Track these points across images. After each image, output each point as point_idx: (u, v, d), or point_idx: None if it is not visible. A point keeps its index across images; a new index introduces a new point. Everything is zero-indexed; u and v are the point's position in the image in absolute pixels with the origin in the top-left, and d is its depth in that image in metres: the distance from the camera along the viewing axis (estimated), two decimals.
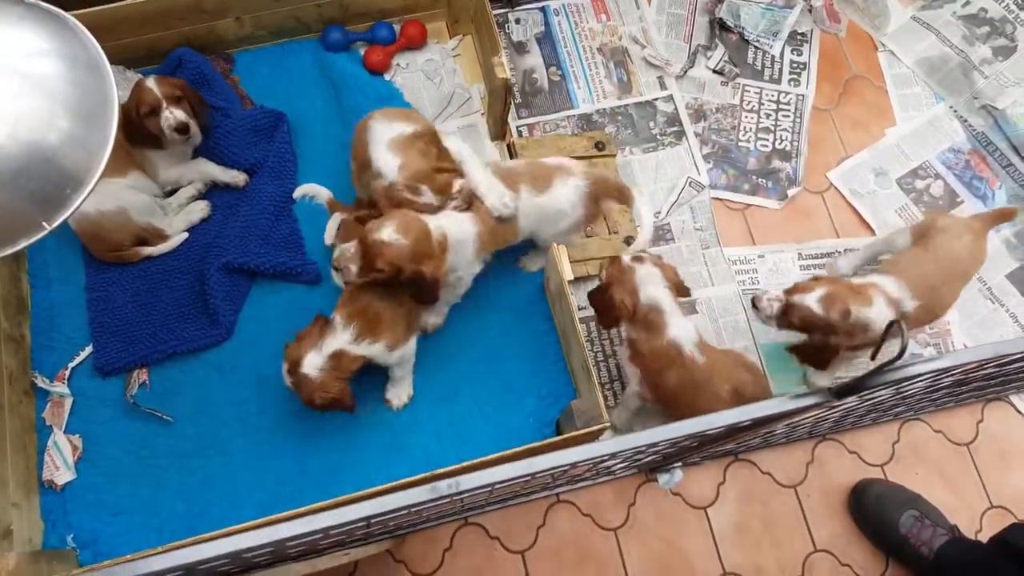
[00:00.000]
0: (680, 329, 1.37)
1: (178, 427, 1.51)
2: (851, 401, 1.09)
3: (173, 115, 1.49)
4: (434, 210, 1.37)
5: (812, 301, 1.36)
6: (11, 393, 1.46)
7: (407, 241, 1.28)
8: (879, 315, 1.36)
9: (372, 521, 0.94)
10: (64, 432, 1.51)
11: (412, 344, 1.46)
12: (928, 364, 0.88)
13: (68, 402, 1.53)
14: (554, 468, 0.91)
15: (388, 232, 1.27)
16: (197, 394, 1.53)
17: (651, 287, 1.37)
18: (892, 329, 0.89)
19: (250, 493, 1.47)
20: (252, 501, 1.47)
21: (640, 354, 1.40)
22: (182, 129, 1.50)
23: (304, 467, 1.49)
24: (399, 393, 1.52)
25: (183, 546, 0.98)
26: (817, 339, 1.40)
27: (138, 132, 1.51)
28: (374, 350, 1.38)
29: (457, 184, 1.38)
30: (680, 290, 1.42)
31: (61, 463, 1.49)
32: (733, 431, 1.08)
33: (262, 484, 1.48)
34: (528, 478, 0.95)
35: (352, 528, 0.96)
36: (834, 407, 1.12)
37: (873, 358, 0.96)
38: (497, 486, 0.94)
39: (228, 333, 1.57)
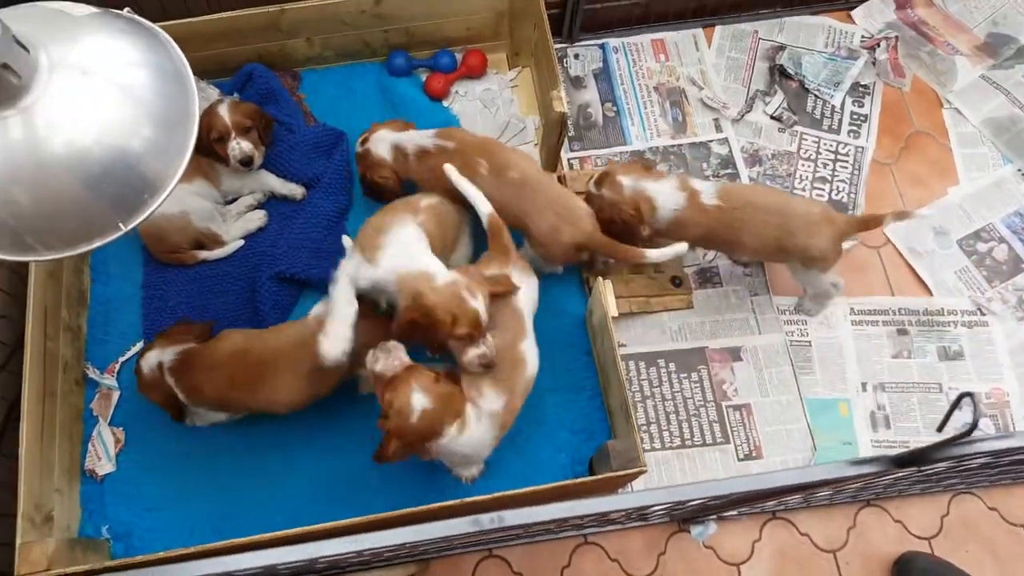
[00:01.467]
0: (414, 137, 1.53)
1: (216, 430, 1.54)
2: (909, 470, 1.04)
3: (239, 147, 1.55)
4: None
5: (592, 184, 1.50)
6: (64, 381, 1.51)
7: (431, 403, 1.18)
8: (662, 189, 1.45)
9: (407, 544, 0.94)
10: (109, 424, 1.55)
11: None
12: (999, 442, 0.84)
13: (115, 395, 1.58)
14: (604, 512, 0.90)
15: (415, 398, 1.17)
16: None
17: (387, 141, 1.53)
18: (963, 401, 0.86)
19: (280, 501, 1.49)
20: (281, 509, 1.48)
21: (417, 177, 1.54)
22: (246, 162, 1.57)
23: (334, 481, 1.50)
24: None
25: (221, 551, 0.99)
26: (614, 216, 1.46)
27: (205, 148, 1.58)
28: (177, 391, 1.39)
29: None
30: (404, 125, 1.60)
31: (104, 454, 1.53)
32: (787, 491, 1.04)
33: (292, 494, 1.49)
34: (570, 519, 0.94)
35: (385, 550, 0.96)
36: (888, 475, 1.08)
37: (940, 429, 0.92)
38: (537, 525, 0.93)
39: None
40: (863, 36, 1.99)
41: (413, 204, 1.45)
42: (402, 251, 1.33)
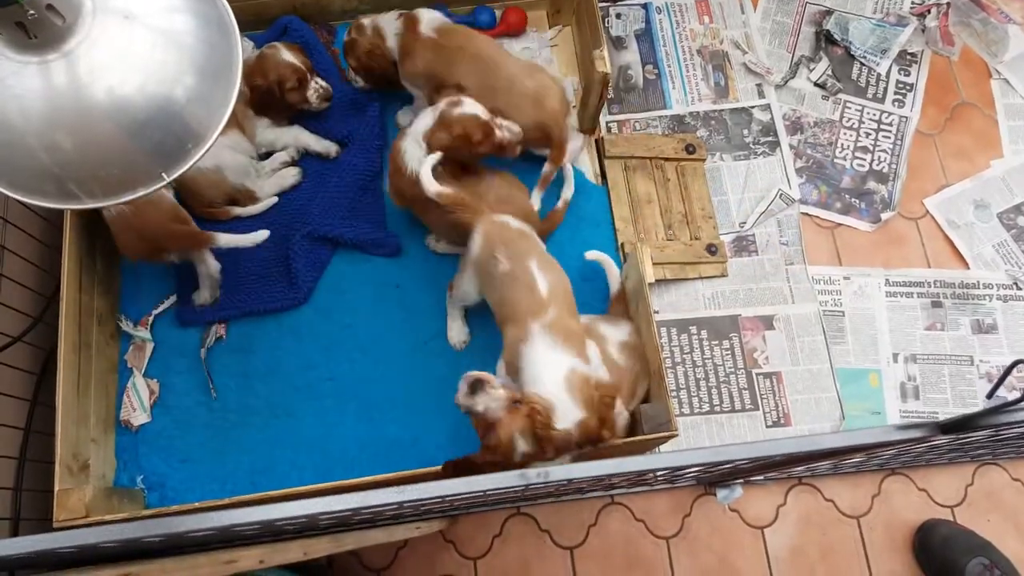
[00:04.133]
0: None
1: (249, 385, 1.55)
2: (950, 437, 1.05)
3: (320, 84, 1.55)
4: None
5: (354, 31, 1.61)
6: (99, 334, 1.52)
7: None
8: (388, 18, 1.57)
9: (450, 497, 0.95)
10: (143, 376, 1.57)
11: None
12: None
13: (149, 347, 1.58)
14: (645, 471, 0.90)
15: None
16: (270, 354, 1.57)
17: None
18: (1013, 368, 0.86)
19: (311, 456, 1.50)
20: (312, 464, 1.50)
21: None
22: (329, 96, 1.57)
23: (365, 437, 1.52)
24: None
25: (259, 502, 1.00)
26: (372, 58, 1.59)
27: (270, 104, 1.56)
28: None
29: None
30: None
31: (138, 405, 1.54)
32: (827, 454, 1.05)
33: (323, 449, 1.51)
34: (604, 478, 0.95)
35: (428, 502, 0.97)
36: (926, 441, 1.08)
37: (990, 396, 0.92)
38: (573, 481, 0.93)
39: (305, 298, 1.60)
40: (913, 2, 1.93)
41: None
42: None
